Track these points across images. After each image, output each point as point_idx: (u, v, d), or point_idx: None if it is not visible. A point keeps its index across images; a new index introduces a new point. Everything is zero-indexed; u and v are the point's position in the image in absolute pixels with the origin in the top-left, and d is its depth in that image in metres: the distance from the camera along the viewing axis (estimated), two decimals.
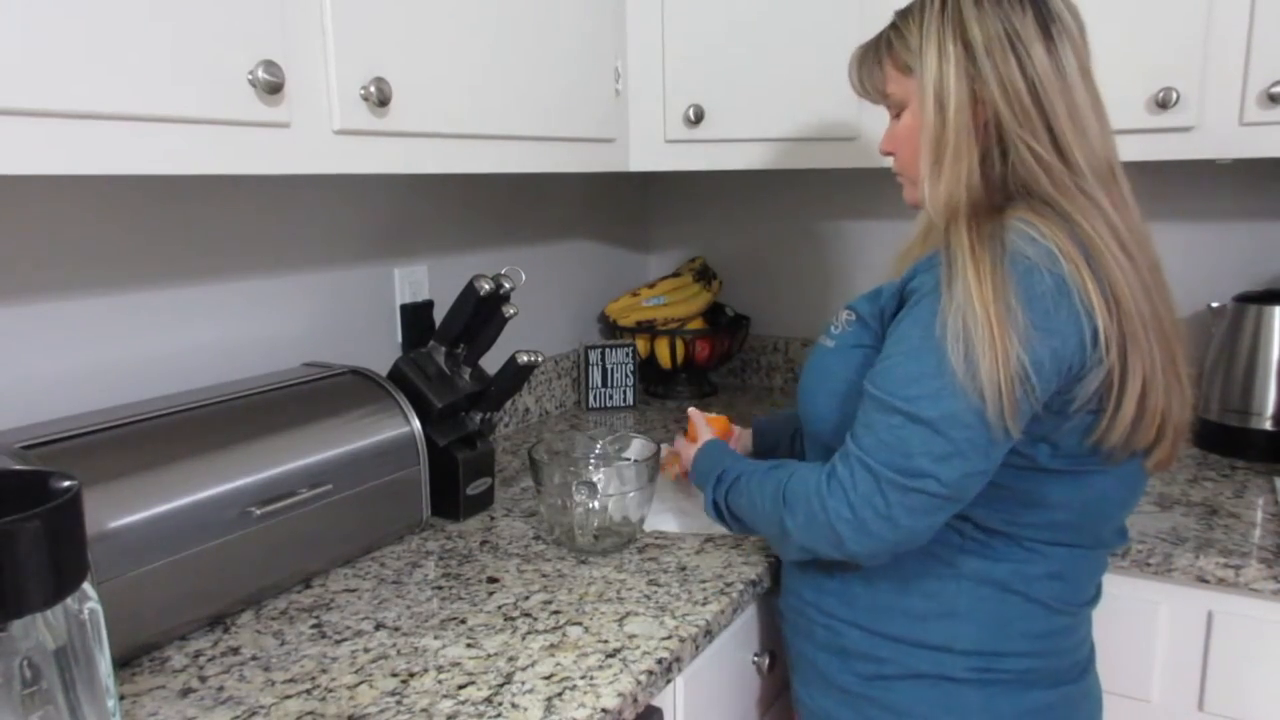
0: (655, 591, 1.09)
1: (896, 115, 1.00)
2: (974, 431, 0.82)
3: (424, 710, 0.86)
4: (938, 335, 0.83)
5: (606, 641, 0.98)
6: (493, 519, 1.33)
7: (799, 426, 1.22)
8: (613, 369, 1.96)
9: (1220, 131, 1.33)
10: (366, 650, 0.97)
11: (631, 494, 1.19)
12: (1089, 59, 0.91)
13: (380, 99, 1.02)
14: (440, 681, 0.91)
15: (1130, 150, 0.94)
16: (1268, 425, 1.47)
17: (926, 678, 0.94)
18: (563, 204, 1.95)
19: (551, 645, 0.97)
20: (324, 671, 0.93)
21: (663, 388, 2.05)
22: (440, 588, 1.11)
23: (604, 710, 0.86)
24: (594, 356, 1.95)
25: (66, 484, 0.65)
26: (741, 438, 1.33)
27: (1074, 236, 0.85)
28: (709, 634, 1.03)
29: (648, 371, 2.06)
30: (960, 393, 0.81)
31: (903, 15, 0.96)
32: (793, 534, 0.92)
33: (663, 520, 1.29)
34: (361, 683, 0.91)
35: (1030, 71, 0.88)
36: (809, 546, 0.92)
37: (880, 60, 0.99)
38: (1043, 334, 0.81)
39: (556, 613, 1.04)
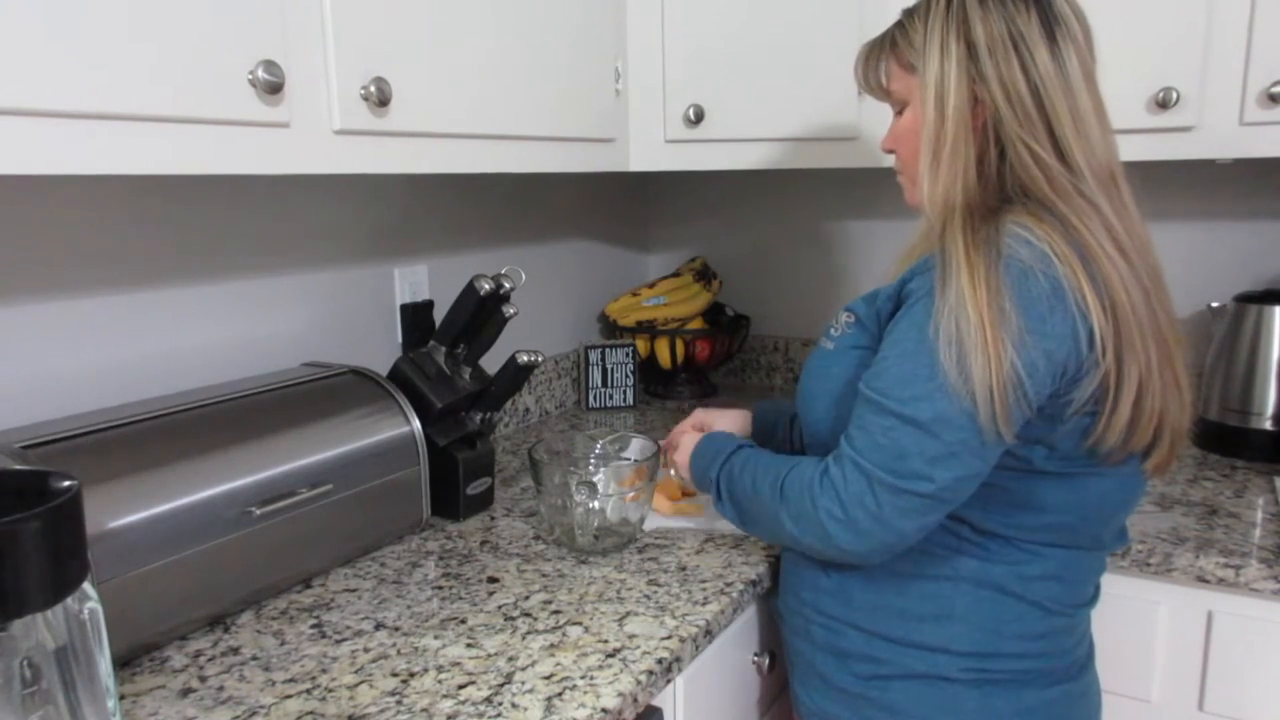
0: (655, 591, 1.09)
1: (899, 113, 1.00)
2: (966, 434, 0.82)
3: (424, 710, 0.86)
4: (931, 338, 0.83)
5: (606, 641, 0.98)
6: (493, 519, 1.33)
7: (796, 413, 1.22)
8: (613, 369, 1.96)
9: (1220, 131, 1.33)
10: (366, 650, 0.97)
11: (631, 494, 1.19)
12: (1094, 64, 0.91)
13: (380, 99, 1.02)
14: (440, 681, 0.91)
15: (1130, 150, 0.94)
16: (1268, 425, 1.47)
17: (924, 678, 0.94)
18: (563, 204, 1.95)
19: (551, 645, 0.97)
20: (324, 671, 0.93)
21: (663, 388, 2.05)
22: (440, 588, 1.11)
23: (604, 710, 0.86)
24: (594, 356, 1.95)
25: (66, 484, 0.65)
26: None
27: (1070, 239, 0.85)
28: (709, 634, 1.03)
29: (648, 371, 2.06)
30: (953, 395, 0.82)
31: (909, 13, 0.96)
32: (787, 527, 0.93)
33: (663, 520, 1.29)
34: (361, 683, 0.91)
35: (1033, 73, 0.88)
36: (801, 541, 0.92)
37: (885, 57, 0.99)
38: (1037, 337, 0.81)
39: (556, 613, 1.04)
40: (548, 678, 0.91)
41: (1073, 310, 0.82)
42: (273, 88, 0.90)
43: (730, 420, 1.26)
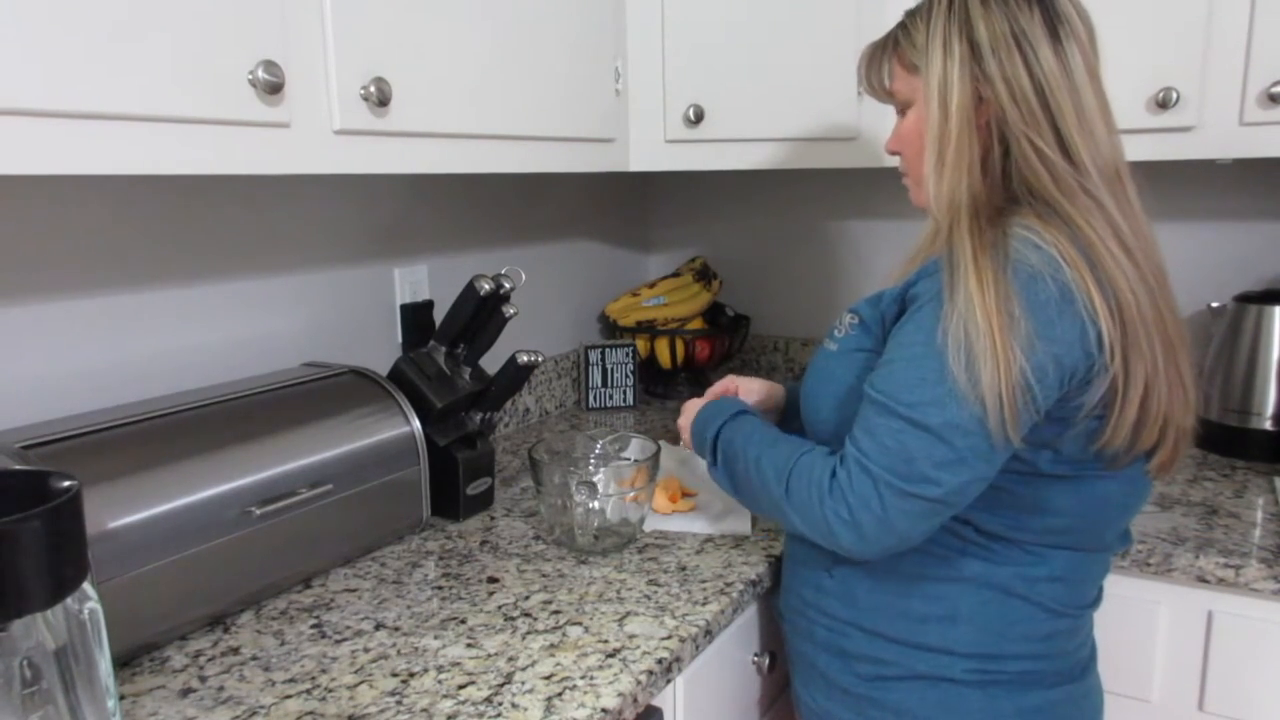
0: (655, 591, 1.09)
1: (902, 114, 1.00)
2: (976, 439, 0.82)
3: (424, 710, 0.86)
4: (939, 342, 0.83)
5: (606, 641, 0.98)
6: (493, 519, 1.33)
7: None
8: (613, 369, 1.96)
9: (1220, 131, 1.33)
10: (366, 650, 0.97)
11: (631, 494, 1.19)
12: (1097, 63, 0.91)
13: (380, 99, 1.02)
14: (440, 681, 0.91)
15: (1130, 150, 0.94)
16: (1268, 425, 1.47)
17: (927, 679, 0.94)
18: (563, 204, 1.95)
19: (551, 645, 0.97)
20: (324, 671, 0.93)
21: (663, 388, 2.05)
22: (440, 588, 1.11)
23: (604, 710, 0.86)
24: (594, 356, 1.95)
25: (66, 484, 0.65)
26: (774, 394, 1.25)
27: (1076, 240, 0.84)
28: (709, 634, 1.03)
29: (648, 371, 2.06)
30: (962, 400, 0.81)
31: (911, 14, 0.96)
32: (791, 517, 0.92)
33: (663, 520, 1.29)
34: (361, 683, 0.91)
35: (1037, 71, 0.87)
36: (802, 530, 0.92)
37: (888, 58, 0.99)
38: (1045, 342, 0.81)
39: (556, 613, 1.04)
40: (548, 678, 0.91)
41: (1081, 314, 0.82)
42: (273, 88, 0.90)
43: (759, 387, 1.21)
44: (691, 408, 1.15)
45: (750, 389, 1.21)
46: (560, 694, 0.88)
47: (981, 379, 0.80)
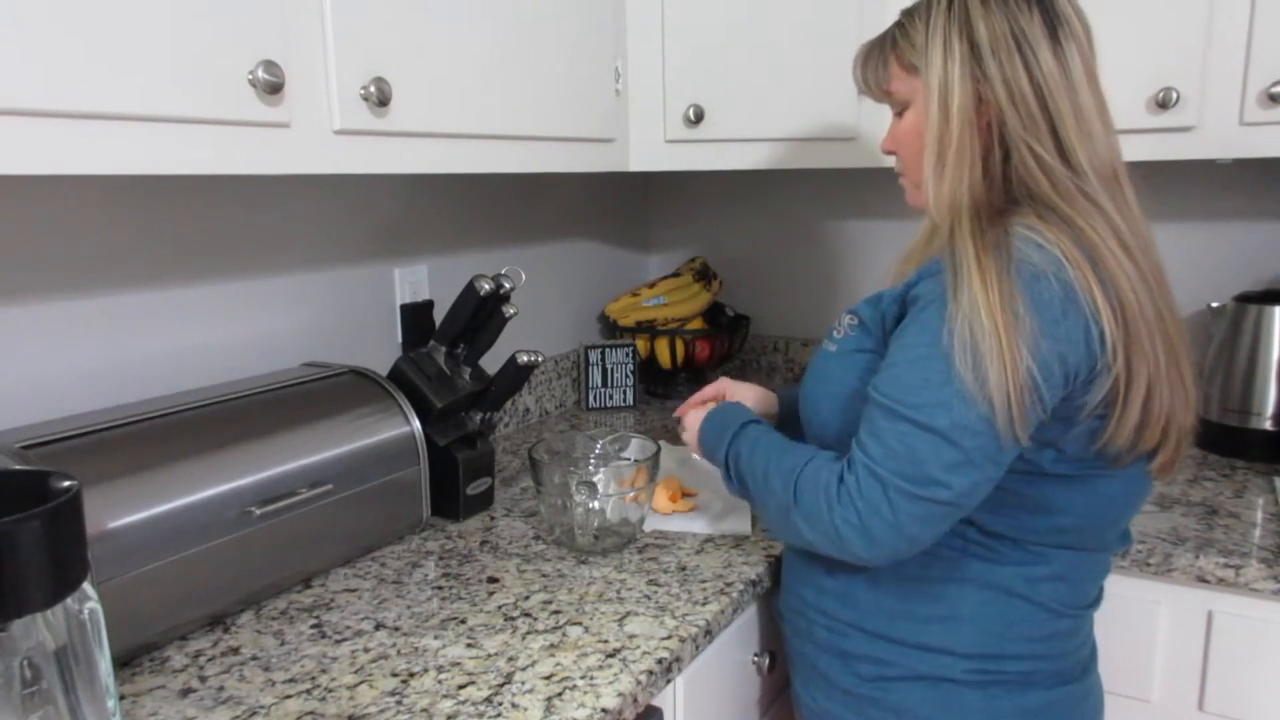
0: (655, 591, 1.09)
1: (899, 114, 0.99)
2: (984, 439, 0.82)
3: (424, 710, 0.86)
4: (945, 343, 0.82)
5: (606, 641, 0.98)
6: (493, 519, 1.33)
7: None
8: (613, 369, 1.96)
9: (1220, 131, 1.33)
10: (366, 650, 0.97)
11: (631, 494, 1.19)
12: (1095, 63, 0.91)
13: (380, 99, 1.02)
14: (440, 681, 0.91)
15: (1130, 150, 0.94)
16: (1268, 425, 1.47)
17: (928, 679, 0.94)
18: (563, 204, 1.95)
19: (551, 645, 0.97)
20: (324, 671, 0.93)
21: (663, 388, 2.05)
22: (440, 588, 1.11)
23: (604, 710, 0.86)
24: (594, 356, 1.95)
25: (66, 484, 0.65)
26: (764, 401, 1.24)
27: (1078, 241, 0.84)
28: (709, 634, 1.03)
29: (648, 371, 2.06)
30: (970, 401, 0.81)
31: (909, 14, 0.96)
32: (799, 526, 0.91)
33: (663, 520, 1.29)
34: (361, 683, 0.91)
35: (1036, 73, 0.87)
36: (812, 541, 0.91)
37: (885, 58, 0.98)
38: (1051, 341, 0.81)
39: (556, 613, 1.04)
40: (548, 678, 0.91)
41: (1085, 313, 0.82)
42: (273, 88, 0.90)
43: (752, 395, 1.20)
44: (696, 418, 1.12)
45: (742, 396, 1.19)
46: (560, 694, 0.88)
47: (989, 379, 0.80)
